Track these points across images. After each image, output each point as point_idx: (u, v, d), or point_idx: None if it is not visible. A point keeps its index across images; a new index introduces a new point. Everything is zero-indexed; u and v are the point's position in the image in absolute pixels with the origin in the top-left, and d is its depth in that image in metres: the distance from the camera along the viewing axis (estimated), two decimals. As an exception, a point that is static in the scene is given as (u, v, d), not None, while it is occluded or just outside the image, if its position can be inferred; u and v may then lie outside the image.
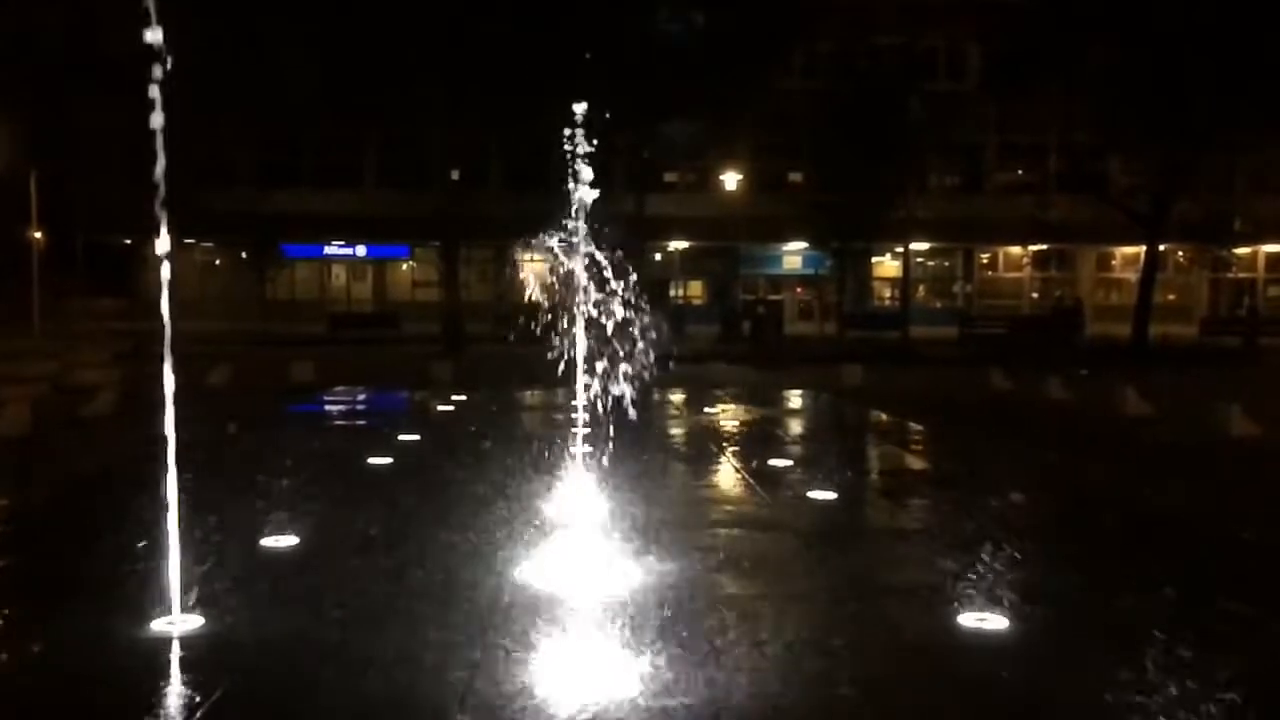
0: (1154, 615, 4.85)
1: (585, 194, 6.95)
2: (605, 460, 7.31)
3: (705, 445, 10.82)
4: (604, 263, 6.85)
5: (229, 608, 4.81)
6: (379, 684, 3.95)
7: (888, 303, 44.89)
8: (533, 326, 6.66)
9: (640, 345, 6.94)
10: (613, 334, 6.77)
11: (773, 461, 9.65)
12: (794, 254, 44.12)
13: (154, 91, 4.31)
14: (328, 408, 14.40)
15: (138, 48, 4.39)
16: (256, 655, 4.28)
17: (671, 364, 8.57)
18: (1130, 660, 4.22)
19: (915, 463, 10.38)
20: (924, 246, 42.76)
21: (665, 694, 3.83)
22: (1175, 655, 4.29)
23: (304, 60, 29.21)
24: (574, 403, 7.00)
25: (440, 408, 13.81)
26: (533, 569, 5.53)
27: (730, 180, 41.31)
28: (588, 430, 7.18)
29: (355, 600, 5.00)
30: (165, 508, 4.67)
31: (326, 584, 5.27)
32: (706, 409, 14.10)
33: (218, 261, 45.49)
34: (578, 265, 7.03)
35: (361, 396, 15.57)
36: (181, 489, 4.73)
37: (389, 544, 6.18)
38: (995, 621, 4.81)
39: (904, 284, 39.32)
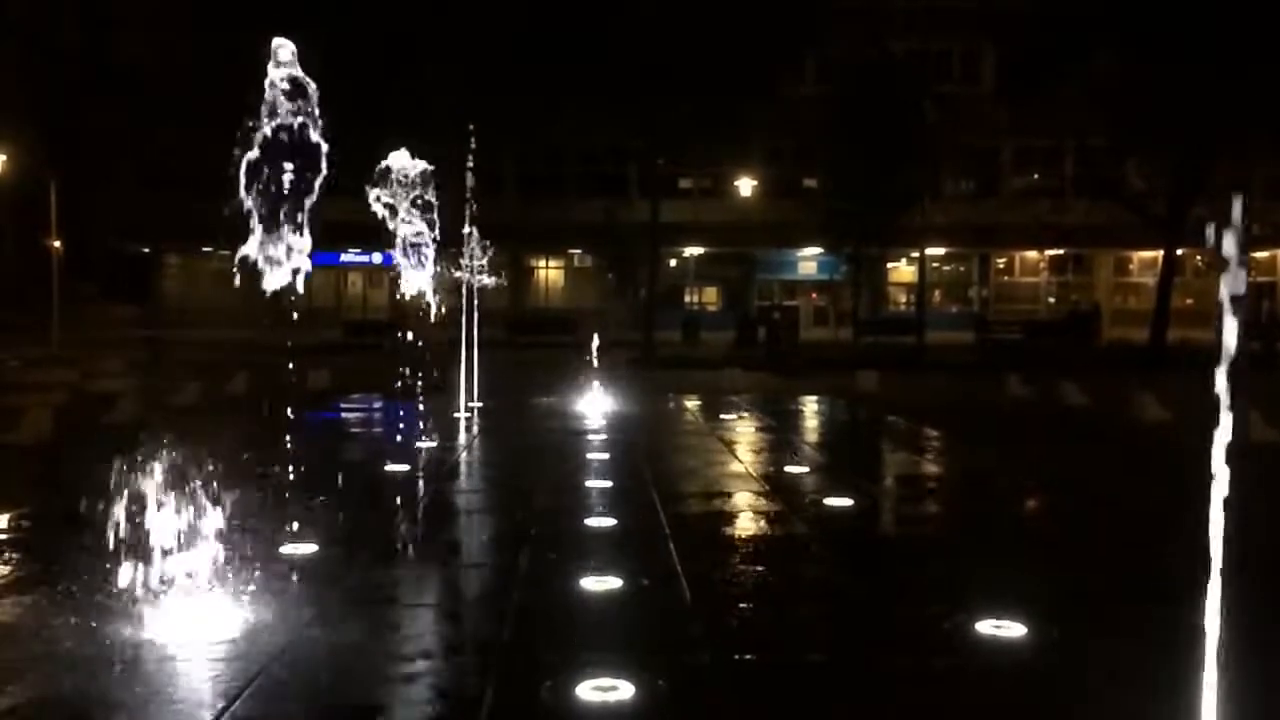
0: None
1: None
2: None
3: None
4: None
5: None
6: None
7: (903, 308, 44.76)
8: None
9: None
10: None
11: (787, 468, 9.64)
12: (809, 259, 44.06)
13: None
14: (343, 414, 14.46)
15: (152, 56, 4.43)
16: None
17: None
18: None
19: (932, 469, 10.36)
20: (939, 251, 42.62)
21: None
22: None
23: (316, 67, 29.25)
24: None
25: (454, 415, 13.83)
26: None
27: (745, 186, 41.32)
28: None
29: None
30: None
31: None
32: (723, 416, 14.10)
33: (234, 269, 45.71)
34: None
35: (377, 405, 15.55)
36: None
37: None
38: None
39: (919, 289, 39.18)
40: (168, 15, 35.82)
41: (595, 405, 14.58)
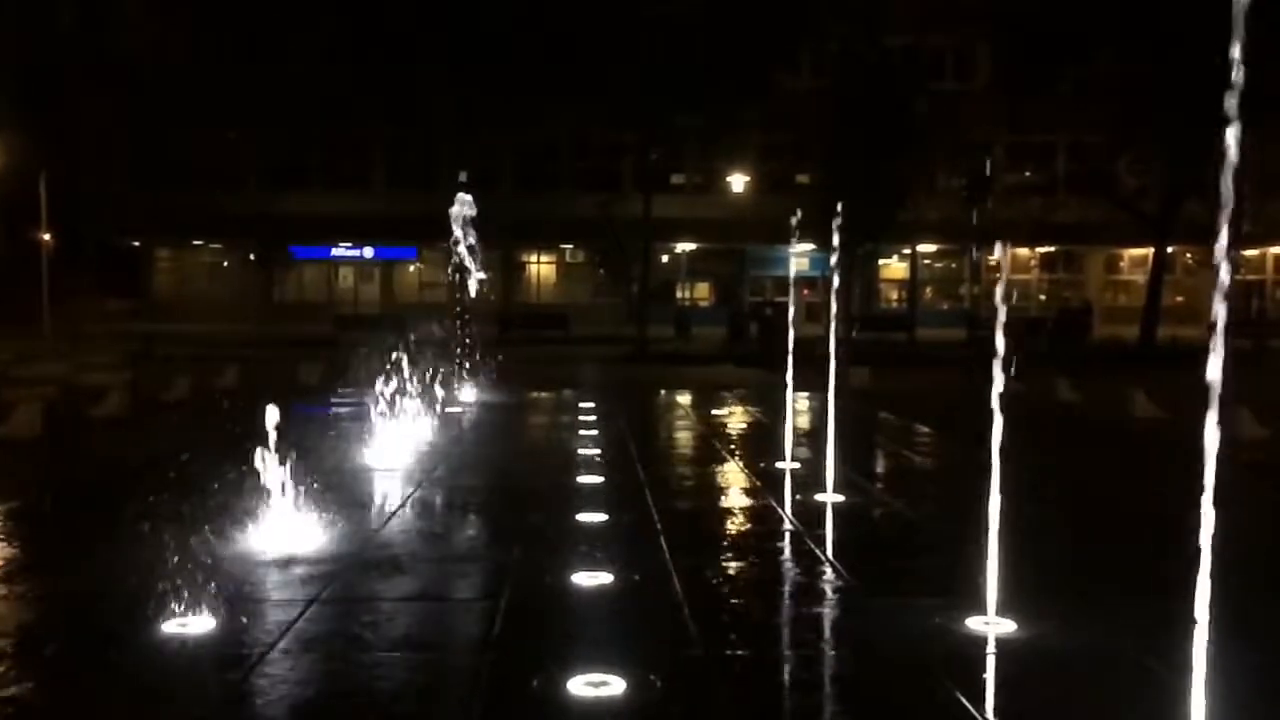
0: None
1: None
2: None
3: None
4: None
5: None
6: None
7: (894, 304, 44.82)
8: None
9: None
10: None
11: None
12: (801, 255, 44.04)
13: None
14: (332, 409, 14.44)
15: (145, 51, 4.43)
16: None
17: None
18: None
19: (924, 464, 10.39)
20: (931, 248, 42.65)
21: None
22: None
23: (313, 64, 29.23)
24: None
25: (447, 410, 13.83)
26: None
27: (737, 182, 41.33)
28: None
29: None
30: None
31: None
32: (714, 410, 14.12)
33: (225, 263, 45.60)
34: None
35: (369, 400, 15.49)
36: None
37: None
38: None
39: (911, 286, 39.23)
40: (162, 10, 35.72)
41: (588, 401, 14.61)
